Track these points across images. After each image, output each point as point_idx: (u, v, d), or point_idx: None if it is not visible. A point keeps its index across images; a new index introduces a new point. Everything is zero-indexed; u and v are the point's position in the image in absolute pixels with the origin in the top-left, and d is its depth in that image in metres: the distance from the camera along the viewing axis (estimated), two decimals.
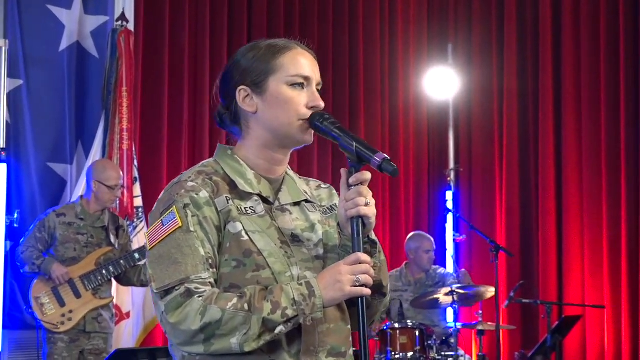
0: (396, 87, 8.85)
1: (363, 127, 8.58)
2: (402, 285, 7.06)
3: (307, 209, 2.28)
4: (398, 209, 8.81)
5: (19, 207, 6.40)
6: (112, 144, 6.56)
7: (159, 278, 2.06)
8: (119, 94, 6.60)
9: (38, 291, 5.75)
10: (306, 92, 2.19)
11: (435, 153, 9.15)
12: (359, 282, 2.05)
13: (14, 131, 6.52)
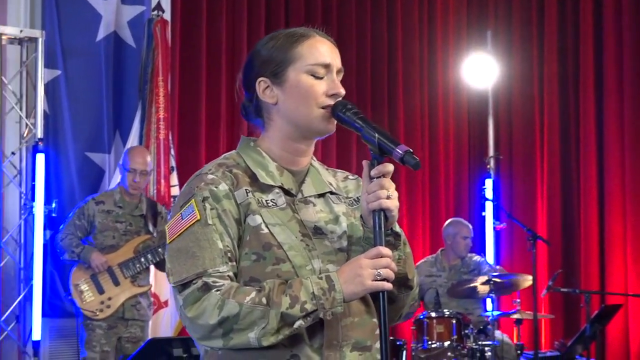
0: (435, 75, 8.77)
1: (402, 115, 8.52)
2: (437, 270, 7.02)
3: (332, 200, 2.24)
4: (438, 197, 8.75)
5: (58, 197, 6.45)
6: (148, 134, 6.56)
7: (176, 272, 2.05)
8: (155, 83, 6.59)
9: (77, 278, 5.79)
10: (326, 80, 2.16)
11: (476, 141, 9.06)
12: (380, 276, 2.01)
13: (53, 121, 6.55)
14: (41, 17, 6.59)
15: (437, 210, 8.70)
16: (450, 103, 8.84)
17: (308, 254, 2.10)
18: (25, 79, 6.38)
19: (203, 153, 7.22)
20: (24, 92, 6.39)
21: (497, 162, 8.89)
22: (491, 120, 8.92)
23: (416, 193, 8.59)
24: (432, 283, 6.96)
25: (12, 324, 6.14)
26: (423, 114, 8.71)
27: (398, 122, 8.49)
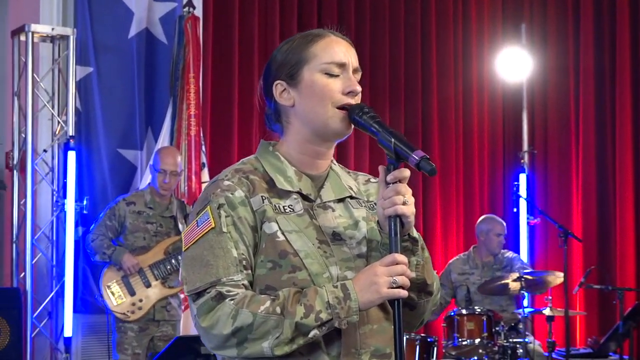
0: (470, 68, 8.70)
1: (436, 110, 8.47)
2: (469, 268, 6.98)
3: (352, 205, 2.20)
4: (472, 193, 8.69)
5: (90, 194, 6.48)
6: (179, 130, 6.57)
7: (190, 280, 2.03)
8: (186, 80, 6.60)
9: (108, 280, 5.81)
10: (342, 78, 2.13)
11: (510, 135, 8.97)
12: (395, 283, 1.98)
13: (85, 118, 6.58)
14: (73, 15, 6.63)
15: (471, 206, 8.64)
16: (485, 97, 8.77)
17: (325, 261, 2.07)
18: (57, 76, 6.41)
19: (235, 150, 7.23)
20: (56, 89, 6.42)
21: (531, 156, 8.81)
22: (525, 115, 8.83)
23: (450, 189, 8.53)
24: (465, 280, 6.93)
25: (45, 321, 6.19)
26: (457, 108, 8.65)
27: (432, 116, 8.44)
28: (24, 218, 6.07)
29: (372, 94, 8.15)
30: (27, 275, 5.95)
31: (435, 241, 8.40)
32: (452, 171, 8.55)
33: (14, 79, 6.24)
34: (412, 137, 8.35)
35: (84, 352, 6.46)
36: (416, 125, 8.39)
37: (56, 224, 6.27)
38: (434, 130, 8.46)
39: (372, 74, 8.15)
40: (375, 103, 8.15)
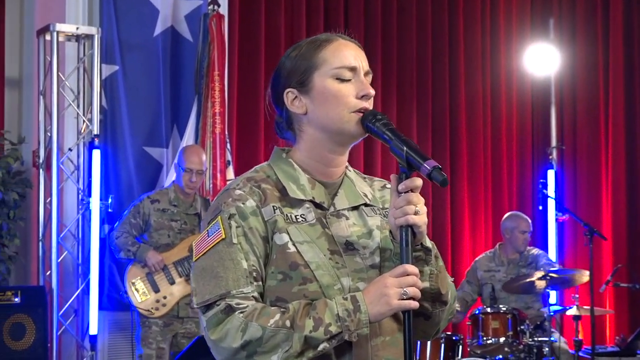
0: (498, 64, 8.64)
1: (464, 106, 8.42)
2: (495, 265, 6.94)
3: (366, 213, 2.17)
4: (500, 189, 8.63)
5: (116, 191, 6.51)
6: (204, 128, 6.57)
7: (199, 292, 2.02)
8: (211, 78, 6.59)
9: (133, 276, 5.84)
10: (354, 82, 2.10)
11: (539, 131, 8.90)
12: (406, 295, 1.95)
13: (111, 116, 6.60)
14: (99, 13, 6.64)
15: (499, 202, 8.58)
16: (513, 93, 8.71)
17: (336, 272, 2.04)
18: (83, 75, 6.43)
19: (262, 147, 7.22)
20: (82, 88, 6.44)
21: (560, 153, 8.73)
22: (554, 110, 8.76)
23: (478, 185, 8.48)
24: (491, 278, 6.90)
25: (71, 318, 6.22)
26: (485, 104, 8.59)
27: (459, 113, 8.39)
28: (50, 216, 6.10)
29: (399, 91, 8.13)
30: (52, 273, 5.97)
31: (464, 238, 8.35)
32: (480, 167, 8.50)
33: (40, 78, 6.26)
34: (439, 134, 8.32)
35: (110, 349, 6.49)
36: (444, 122, 8.34)
37: (82, 222, 6.30)
38: (461, 127, 8.41)
39: (399, 71, 8.11)
40: (402, 100, 8.13)
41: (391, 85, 8.08)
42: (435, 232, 8.21)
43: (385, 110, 8.00)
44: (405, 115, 8.15)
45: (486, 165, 8.57)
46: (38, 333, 5.36)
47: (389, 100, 8.05)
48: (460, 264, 8.13)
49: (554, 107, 8.74)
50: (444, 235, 8.22)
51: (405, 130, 8.12)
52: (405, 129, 8.12)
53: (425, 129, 8.22)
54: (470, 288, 6.98)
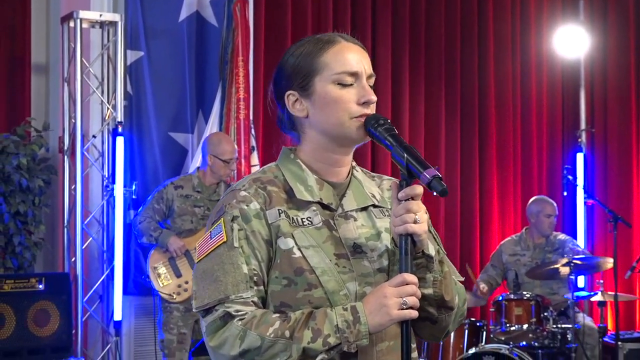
0: (528, 45, 8.54)
1: (493, 87, 8.34)
2: (521, 249, 6.92)
3: (374, 214, 2.15)
4: (530, 172, 8.56)
5: (141, 177, 6.54)
6: (229, 114, 6.56)
7: (199, 296, 2.01)
8: (235, 63, 6.57)
9: (155, 261, 5.86)
10: (356, 87, 2.07)
11: (570, 114, 8.81)
12: (406, 304, 1.94)
13: (136, 102, 6.60)
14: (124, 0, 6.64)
15: (528, 185, 8.51)
16: (544, 75, 8.61)
17: (342, 277, 2.03)
18: (107, 62, 6.44)
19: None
20: (106, 75, 6.45)
21: (590, 136, 8.64)
22: (583, 93, 8.66)
23: (507, 168, 8.42)
24: (516, 262, 6.89)
25: (96, 304, 6.27)
26: (515, 86, 8.51)
27: (489, 95, 8.32)
28: (75, 203, 6.13)
29: (427, 74, 8.07)
30: (77, 259, 6.01)
31: (492, 222, 8.30)
32: (510, 151, 8.42)
33: (64, 65, 6.28)
34: (468, 117, 8.25)
35: (136, 333, 6.53)
36: (472, 105, 8.28)
37: (106, 208, 6.33)
38: (490, 110, 8.34)
39: (427, 54, 8.05)
40: (430, 84, 8.07)
41: (419, 69, 8.02)
42: (463, 216, 8.18)
43: (413, 94, 7.96)
44: (433, 99, 8.10)
45: (515, 148, 8.50)
46: (62, 320, 5.41)
47: (416, 85, 8.00)
48: (488, 248, 8.09)
49: (584, 89, 8.64)
50: (472, 219, 8.18)
51: (434, 115, 8.07)
52: (433, 113, 8.08)
53: (454, 113, 8.16)
54: (494, 272, 6.96)
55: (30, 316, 5.30)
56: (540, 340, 6.06)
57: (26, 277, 5.39)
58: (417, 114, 8.00)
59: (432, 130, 8.06)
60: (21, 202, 5.92)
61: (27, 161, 5.93)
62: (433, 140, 8.08)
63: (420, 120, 8.02)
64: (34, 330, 5.32)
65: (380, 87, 7.78)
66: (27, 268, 5.97)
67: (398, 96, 7.88)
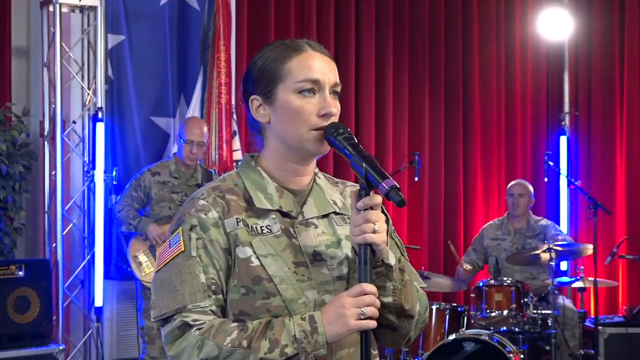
0: (512, 28, 8.52)
1: (477, 70, 8.33)
2: (502, 234, 6.97)
3: (335, 222, 2.15)
4: (514, 155, 8.57)
5: (123, 161, 6.53)
6: (210, 99, 6.54)
7: (157, 306, 2.01)
8: (216, 48, 6.55)
9: (135, 250, 5.87)
10: (317, 98, 2.06)
11: (554, 97, 8.80)
12: (364, 315, 1.93)
13: (117, 86, 6.58)
14: None
15: (512, 168, 8.53)
16: (528, 57, 8.60)
17: (301, 285, 2.03)
18: (87, 47, 6.40)
19: None
20: (86, 60, 6.41)
21: (573, 119, 8.64)
22: (567, 76, 8.66)
23: (491, 151, 8.42)
24: (497, 247, 6.92)
25: (77, 290, 6.27)
26: (499, 69, 8.50)
27: (473, 77, 8.31)
28: (55, 189, 6.11)
29: (412, 56, 8.05)
30: (58, 245, 6.00)
31: (476, 205, 8.32)
32: (494, 133, 8.43)
33: (44, 49, 6.24)
34: (452, 100, 8.24)
35: (118, 317, 6.55)
36: (457, 88, 8.27)
37: (87, 194, 6.31)
38: (475, 93, 8.33)
39: (411, 36, 8.03)
40: (414, 66, 8.06)
41: (403, 52, 8.00)
42: (447, 200, 8.19)
43: (397, 77, 7.95)
44: (417, 83, 8.08)
45: (499, 131, 8.50)
46: (43, 306, 5.40)
47: (400, 68, 7.98)
48: (472, 231, 8.11)
49: (568, 72, 8.64)
50: (456, 203, 8.19)
51: (418, 98, 8.05)
52: (417, 97, 8.07)
53: (438, 96, 8.15)
54: (475, 255, 7.00)
55: (10, 303, 5.29)
56: (520, 326, 6.10)
57: (6, 263, 5.37)
58: (401, 98, 7.99)
59: (416, 114, 8.05)
60: (1, 188, 5.90)
61: (7, 147, 5.91)
62: (417, 123, 8.08)
63: (404, 104, 8.01)
64: (14, 317, 5.31)
65: (364, 70, 7.77)
66: (8, 254, 5.96)
67: (382, 80, 7.86)
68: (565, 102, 8.67)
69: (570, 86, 8.66)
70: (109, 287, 6.42)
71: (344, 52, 7.68)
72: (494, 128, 8.43)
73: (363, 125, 7.74)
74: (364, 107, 7.76)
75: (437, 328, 6.20)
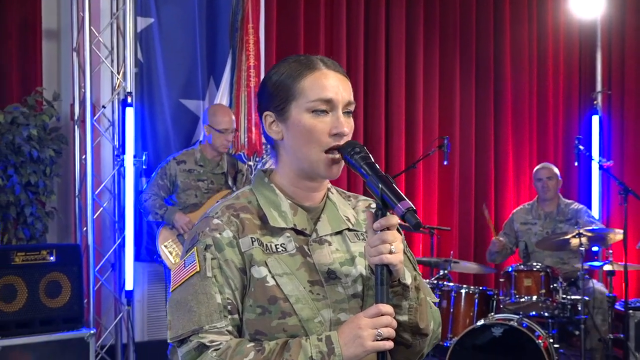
0: (545, 6, 8.46)
1: (509, 49, 8.26)
2: (532, 218, 6.95)
3: (349, 238, 2.15)
4: (546, 136, 8.50)
5: (153, 144, 6.54)
6: (239, 82, 6.54)
7: (173, 327, 2.02)
8: (245, 31, 6.53)
9: (164, 239, 5.91)
10: (330, 117, 2.06)
11: (587, 76, 8.70)
12: (380, 336, 1.93)
13: (147, 69, 6.58)
14: None
15: (544, 148, 8.47)
16: (561, 36, 8.51)
17: (317, 304, 2.03)
18: (116, 31, 6.41)
19: None
20: (115, 44, 6.42)
21: (606, 98, 8.54)
22: (599, 55, 8.54)
23: (523, 131, 8.37)
24: (527, 231, 6.89)
25: (107, 273, 6.32)
26: (531, 48, 8.44)
27: (504, 57, 8.24)
28: (85, 173, 6.16)
29: (442, 37, 8.00)
30: (88, 229, 6.05)
31: (507, 187, 8.28)
32: (526, 114, 8.37)
33: (73, 34, 6.26)
34: (483, 81, 8.18)
35: (149, 299, 6.60)
36: (488, 67, 8.21)
37: (117, 178, 6.34)
38: (506, 73, 8.27)
39: (442, 16, 7.97)
40: (445, 47, 8.00)
41: (434, 32, 7.94)
42: (478, 181, 8.15)
43: (427, 58, 7.89)
44: (448, 63, 8.03)
45: (531, 111, 8.43)
46: (74, 290, 5.45)
47: (431, 48, 7.93)
48: (503, 214, 8.08)
49: (600, 51, 8.52)
50: (487, 184, 8.16)
51: (448, 79, 8.00)
52: (448, 77, 8.01)
53: (469, 76, 8.10)
54: (507, 239, 6.97)
55: (41, 288, 5.35)
56: (550, 311, 6.08)
57: (37, 249, 5.42)
58: (432, 79, 7.94)
59: (446, 96, 8.01)
60: (32, 172, 5.95)
61: (38, 132, 5.95)
62: (448, 105, 8.03)
63: (434, 84, 7.96)
64: (46, 301, 5.37)
65: (395, 50, 7.72)
66: (39, 238, 6.03)
67: (412, 60, 7.81)
68: (598, 81, 8.57)
69: (603, 65, 8.56)
70: (140, 269, 6.47)
71: (374, 34, 7.64)
72: (525, 108, 8.36)
73: (393, 105, 7.71)
74: (394, 89, 7.73)
75: (466, 311, 6.21)
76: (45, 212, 6.12)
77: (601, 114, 8.39)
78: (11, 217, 5.93)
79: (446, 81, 8.01)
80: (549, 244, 6.44)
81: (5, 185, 5.87)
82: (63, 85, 6.57)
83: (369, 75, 7.65)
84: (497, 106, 8.22)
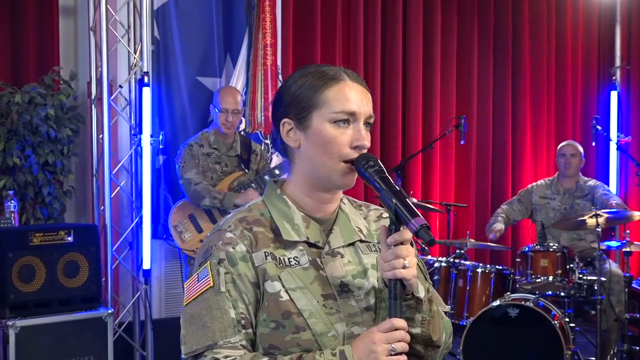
0: None
1: (527, 23, 8.19)
2: (551, 193, 6.99)
3: (361, 250, 2.16)
4: (564, 109, 8.46)
5: (170, 122, 6.54)
6: (255, 60, 6.50)
7: (187, 342, 2.03)
8: (261, 8, 6.48)
9: (176, 219, 5.93)
10: (351, 129, 2.06)
11: (605, 51, 8.63)
12: (394, 351, 1.94)
13: (163, 46, 6.57)
14: None
15: (562, 123, 8.43)
16: (580, 10, 8.45)
17: (330, 318, 2.04)
18: (133, 10, 6.39)
19: None
20: (132, 23, 6.40)
21: (625, 73, 8.47)
22: (619, 29, 8.47)
23: (541, 106, 8.32)
24: (546, 205, 6.94)
25: (125, 252, 6.36)
26: (550, 22, 8.37)
27: (523, 31, 8.18)
28: (103, 152, 6.17)
29: (460, 9, 7.93)
30: (106, 208, 6.08)
31: (525, 162, 8.26)
32: (544, 88, 8.33)
33: (90, 13, 6.25)
34: (501, 54, 8.13)
35: (167, 276, 6.64)
36: (506, 42, 8.15)
37: (134, 157, 6.36)
38: (524, 47, 8.21)
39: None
40: (463, 21, 7.94)
41: (452, 4, 7.88)
42: (495, 158, 8.13)
43: (445, 31, 7.85)
44: (466, 36, 7.98)
45: (549, 85, 8.39)
46: (91, 270, 5.49)
47: (449, 21, 7.87)
48: (520, 184, 8.07)
49: (619, 25, 8.45)
50: (504, 162, 8.13)
51: (466, 56, 7.95)
52: (465, 54, 7.97)
53: (487, 53, 8.05)
54: (519, 207, 7.02)
55: (59, 268, 5.39)
56: (566, 291, 6.10)
57: (55, 229, 5.45)
58: (449, 56, 7.90)
59: (464, 72, 7.97)
60: (49, 152, 5.97)
61: (55, 111, 5.96)
62: (465, 80, 8.00)
63: (452, 62, 7.93)
64: (64, 281, 5.41)
65: (412, 27, 7.68)
66: (57, 218, 6.06)
67: (430, 38, 7.78)
68: (617, 55, 8.51)
69: (622, 39, 8.49)
70: (157, 246, 6.50)
71: (391, 10, 7.60)
72: (543, 84, 8.32)
73: (411, 84, 7.68)
74: (411, 67, 7.70)
75: (482, 290, 6.23)
76: (63, 192, 6.15)
77: (620, 89, 8.34)
78: (29, 197, 5.97)
79: (464, 59, 7.97)
80: (566, 225, 6.44)
81: (23, 165, 5.90)
82: (80, 64, 6.57)
83: (386, 53, 7.62)
84: (515, 83, 8.18)
